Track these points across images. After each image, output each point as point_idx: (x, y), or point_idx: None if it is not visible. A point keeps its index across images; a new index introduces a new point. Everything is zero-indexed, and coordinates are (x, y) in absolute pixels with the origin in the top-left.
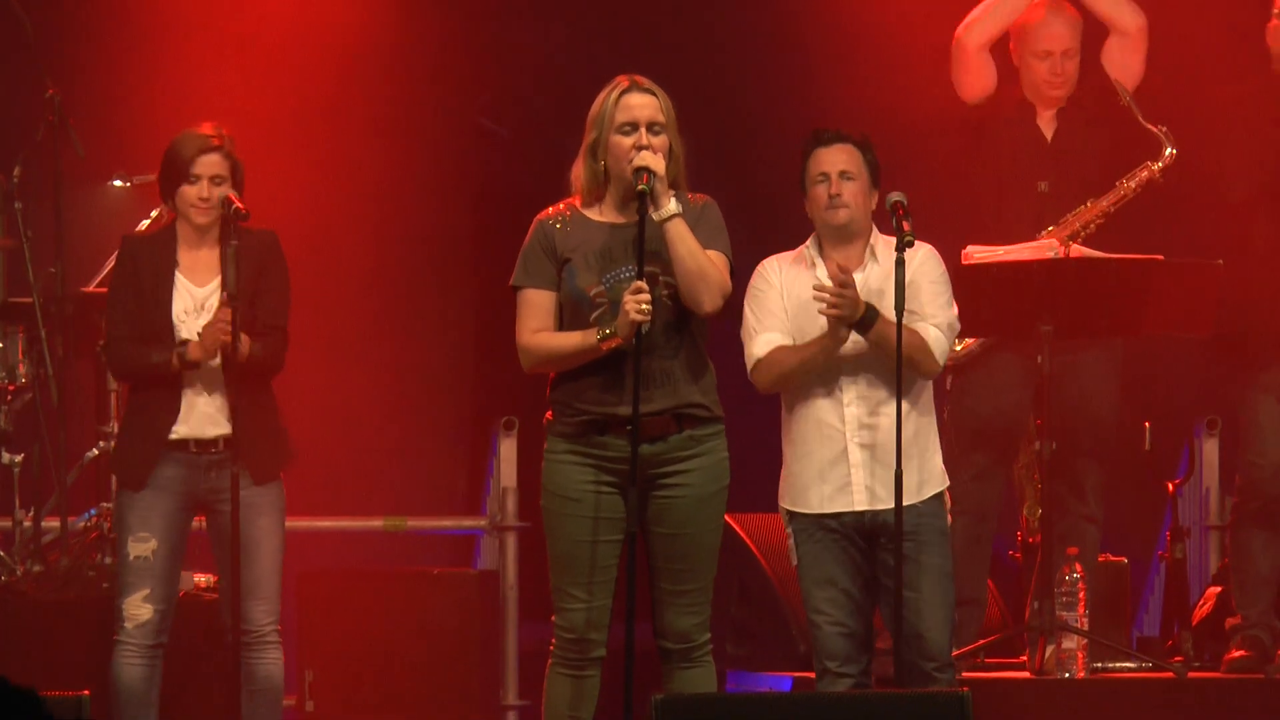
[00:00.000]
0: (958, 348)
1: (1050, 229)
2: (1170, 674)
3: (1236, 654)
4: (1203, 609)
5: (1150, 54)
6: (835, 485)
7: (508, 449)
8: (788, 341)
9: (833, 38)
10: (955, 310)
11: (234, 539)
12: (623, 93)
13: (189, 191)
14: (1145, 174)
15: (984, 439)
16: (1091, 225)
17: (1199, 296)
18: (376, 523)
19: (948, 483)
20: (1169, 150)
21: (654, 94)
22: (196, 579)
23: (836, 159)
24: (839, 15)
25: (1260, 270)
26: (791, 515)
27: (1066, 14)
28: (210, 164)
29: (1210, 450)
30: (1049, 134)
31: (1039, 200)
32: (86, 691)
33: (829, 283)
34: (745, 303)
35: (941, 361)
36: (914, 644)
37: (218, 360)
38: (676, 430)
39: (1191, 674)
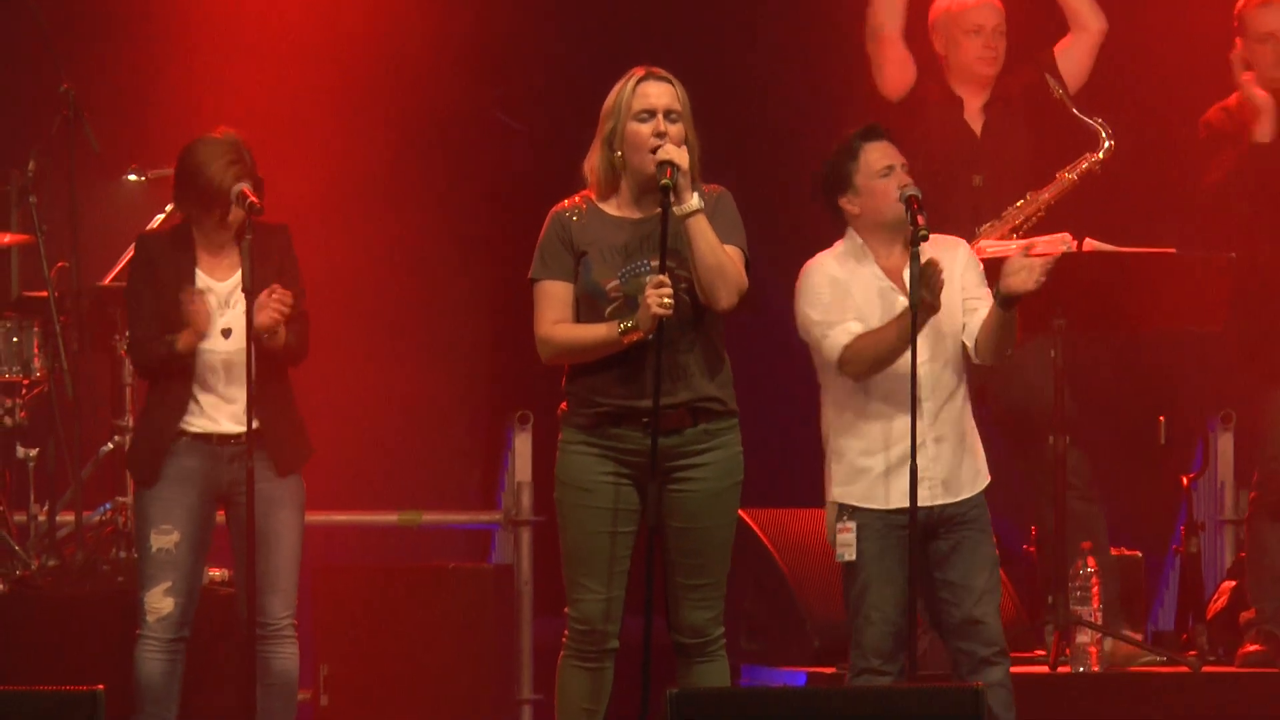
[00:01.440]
0: None
1: (991, 223)
2: (1185, 668)
3: (1251, 648)
4: (1217, 603)
5: (1174, 50)
6: (908, 479)
7: (522, 443)
8: (866, 329)
9: (839, 33)
10: None
11: (249, 531)
12: (639, 81)
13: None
14: (1085, 165)
15: None
16: (1034, 218)
17: (1211, 290)
18: (392, 517)
19: (989, 478)
20: (1108, 143)
21: (670, 83)
22: (212, 573)
23: (895, 153)
24: (849, 9)
25: (1273, 271)
26: (853, 511)
27: None
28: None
29: (1225, 444)
30: (977, 128)
31: (974, 194)
32: (101, 686)
33: (886, 278)
34: (805, 301)
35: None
36: (970, 631)
37: (239, 347)
38: (691, 424)
39: (1206, 668)
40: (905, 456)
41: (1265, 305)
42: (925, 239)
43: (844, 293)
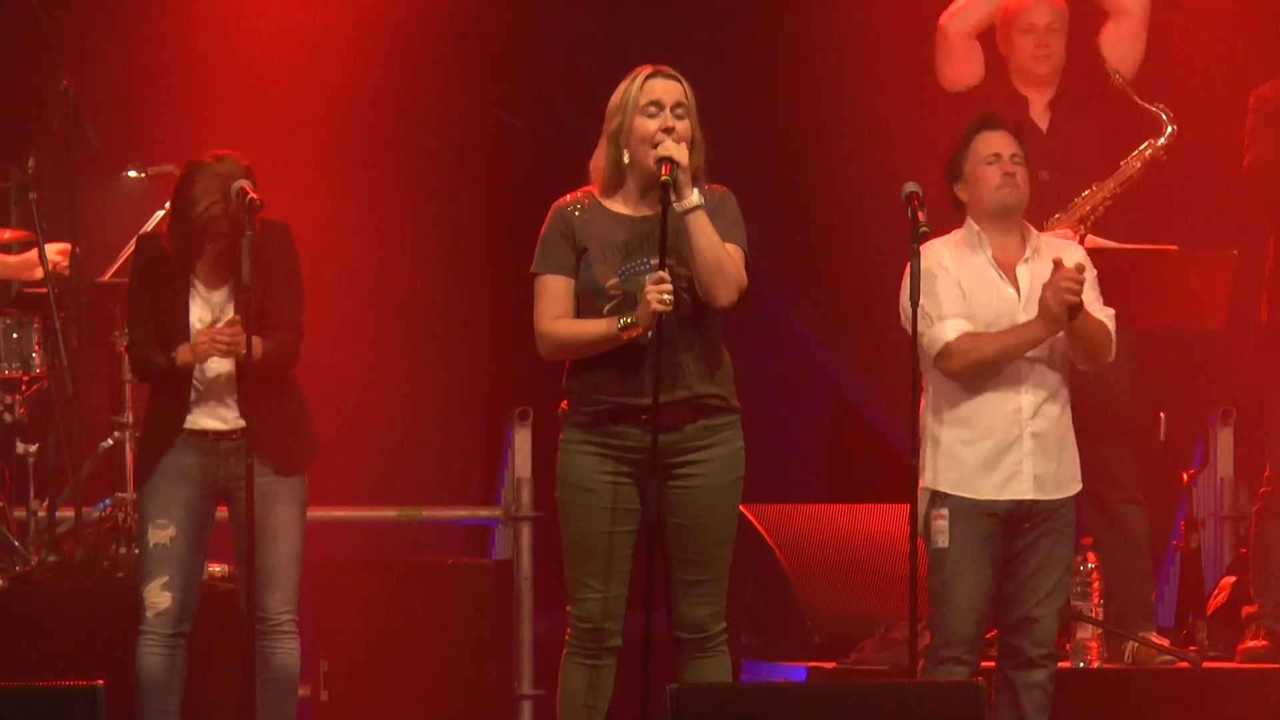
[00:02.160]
0: None
1: (1058, 216)
2: (1185, 664)
3: (1251, 643)
4: (1217, 599)
5: (1180, 48)
6: (1006, 473)
7: (522, 439)
8: (969, 326)
9: (842, 32)
10: None
11: (249, 527)
12: (647, 78)
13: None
14: (1149, 152)
15: None
16: (1100, 208)
17: (1213, 288)
18: (391, 513)
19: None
20: (1170, 128)
21: (678, 80)
22: (211, 569)
23: (1005, 142)
24: (851, 9)
25: None
26: (947, 498)
27: None
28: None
29: (1225, 441)
30: (1043, 125)
31: (1042, 189)
32: (101, 682)
33: (999, 269)
34: (912, 286)
35: (1114, 353)
36: (1024, 628)
37: (230, 363)
38: (690, 420)
39: (1206, 664)
40: (1002, 449)
41: None
42: (926, 236)
43: (952, 282)
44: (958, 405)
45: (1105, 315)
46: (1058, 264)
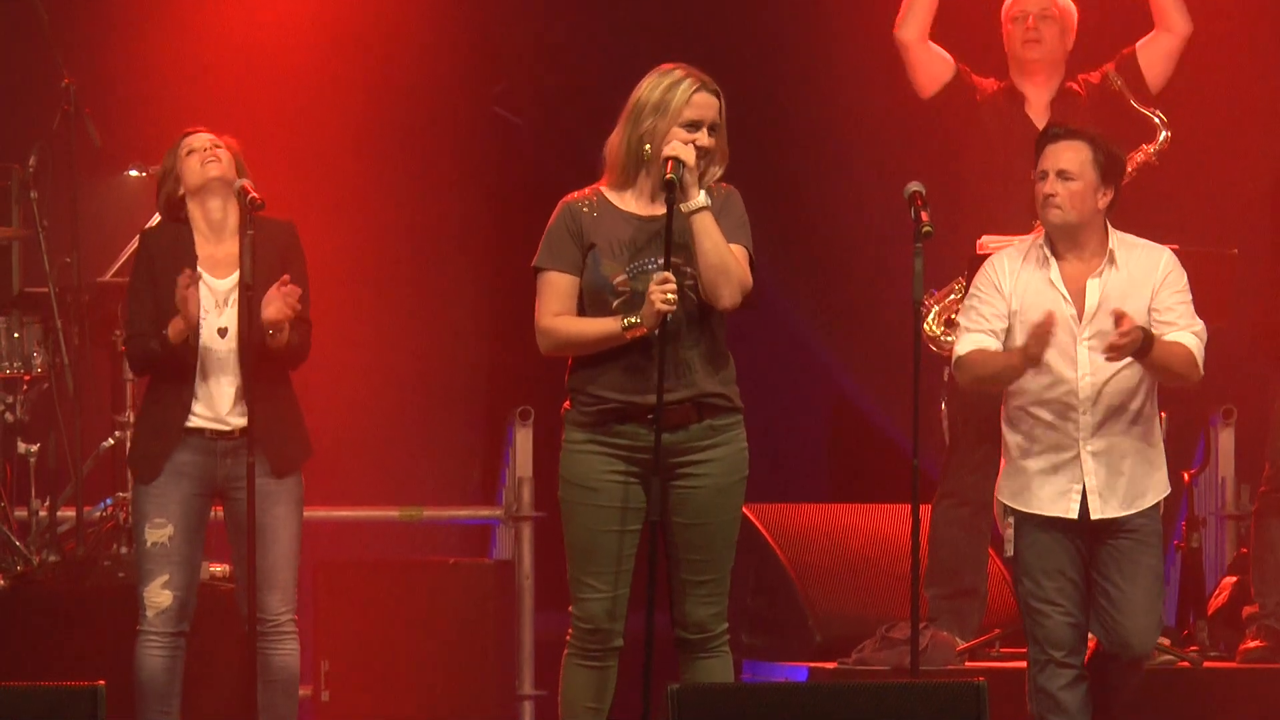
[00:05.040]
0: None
1: None
2: (1186, 664)
3: (1252, 644)
4: (1218, 599)
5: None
6: (1060, 489)
7: (523, 439)
8: (992, 344)
9: (841, 30)
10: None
11: (250, 529)
12: (695, 90)
13: (190, 161)
14: (1140, 157)
15: (986, 431)
16: None
17: (1214, 286)
18: (393, 513)
19: (1168, 489)
20: (1163, 133)
21: (719, 96)
22: (213, 569)
23: (1059, 157)
24: (849, 7)
25: None
26: (1013, 510)
27: None
28: (201, 140)
29: (1226, 440)
30: (1041, 123)
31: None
32: (102, 682)
33: (1061, 286)
34: (968, 297)
35: (1202, 370)
36: (1118, 638)
37: (234, 346)
38: (696, 420)
39: (1207, 664)
40: (1057, 465)
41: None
42: (929, 237)
43: (997, 301)
44: (1021, 418)
45: (1190, 336)
46: (1118, 318)
